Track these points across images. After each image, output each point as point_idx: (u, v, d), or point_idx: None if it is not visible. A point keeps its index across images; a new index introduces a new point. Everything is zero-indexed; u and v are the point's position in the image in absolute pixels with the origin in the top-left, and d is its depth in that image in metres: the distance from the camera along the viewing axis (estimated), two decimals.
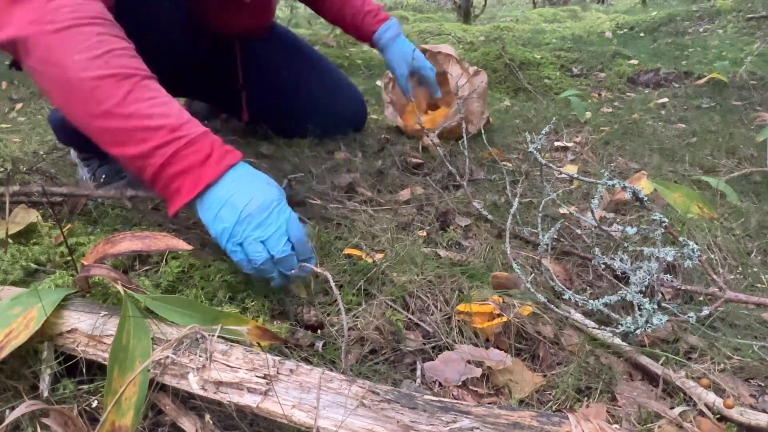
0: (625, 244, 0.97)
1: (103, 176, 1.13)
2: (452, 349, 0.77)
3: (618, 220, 1.16)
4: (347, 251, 0.94)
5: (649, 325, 0.73)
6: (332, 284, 0.67)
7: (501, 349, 0.78)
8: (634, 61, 2.82)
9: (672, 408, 0.69)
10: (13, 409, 0.57)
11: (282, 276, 0.77)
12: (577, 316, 0.84)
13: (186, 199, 0.74)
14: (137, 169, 0.74)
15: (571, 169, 1.44)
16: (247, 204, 0.73)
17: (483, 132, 1.33)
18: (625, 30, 4.03)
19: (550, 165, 0.91)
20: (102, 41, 0.72)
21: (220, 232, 0.73)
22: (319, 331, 0.78)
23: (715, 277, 0.79)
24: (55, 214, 0.95)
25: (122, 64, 0.73)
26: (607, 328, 0.79)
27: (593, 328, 0.81)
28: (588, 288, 0.95)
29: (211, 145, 0.75)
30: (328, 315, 0.81)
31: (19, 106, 2.13)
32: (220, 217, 0.73)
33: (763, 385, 0.75)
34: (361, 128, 1.60)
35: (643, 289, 0.80)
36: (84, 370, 0.61)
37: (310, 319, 0.79)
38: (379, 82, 2.27)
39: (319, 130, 1.47)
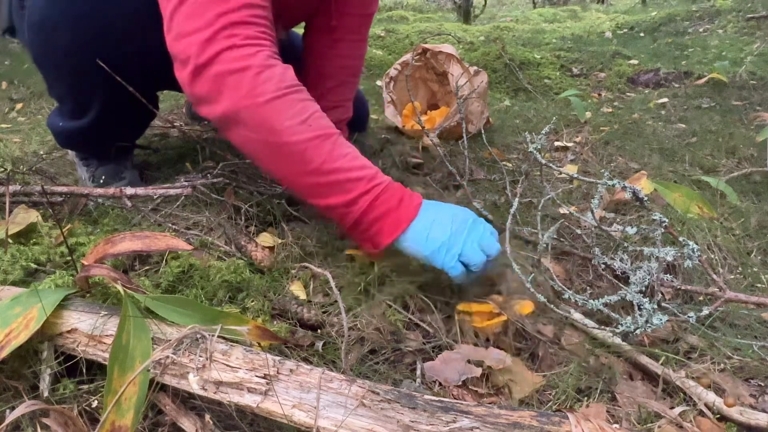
0: (625, 244, 0.97)
1: (102, 177, 1.13)
2: (452, 349, 0.77)
3: (618, 220, 1.16)
4: (348, 251, 0.94)
5: (649, 325, 0.73)
6: (332, 284, 0.67)
7: (501, 349, 0.78)
8: (634, 61, 2.82)
9: (672, 408, 0.69)
10: (13, 409, 0.57)
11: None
12: (577, 316, 0.84)
13: (391, 238, 0.82)
14: (338, 215, 0.83)
15: (571, 169, 1.44)
16: (453, 219, 0.82)
17: (483, 132, 1.33)
18: (625, 30, 4.04)
19: (550, 165, 0.91)
20: (304, 107, 0.80)
21: (437, 249, 0.80)
22: (318, 330, 0.78)
23: (715, 277, 0.79)
24: (54, 214, 0.95)
25: (322, 125, 0.81)
26: (607, 328, 0.79)
27: (593, 328, 0.81)
28: (588, 288, 0.95)
29: (400, 189, 0.84)
30: (328, 315, 0.81)
31: (19, 106, 2.13)
32: (432, 238, 0.81)
33: (763, 385, 0.75)
34: (362, 130, 1.58)
35: (643, 289, 0.80)
36: (84, 370, 0.61)
37: (309, 319, 0.79)
38: (379, 82, 2.28)
39: None
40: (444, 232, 0.81)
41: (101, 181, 1.13)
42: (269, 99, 0.77)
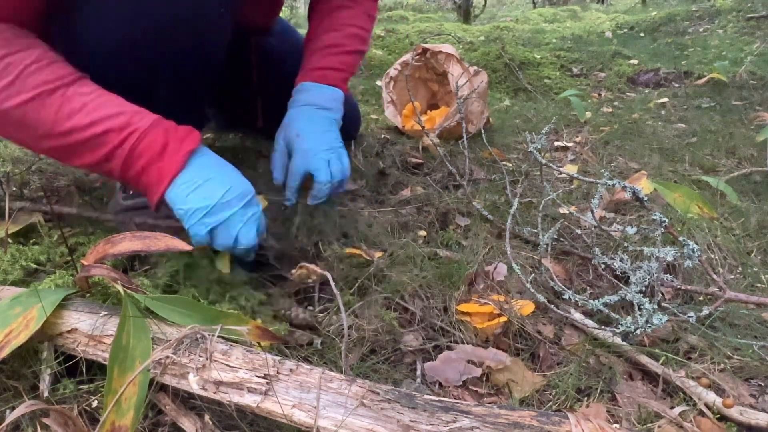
0: (625, 244, 0.97)
1: (132, 189, 1.02)
2: (452, 349, 0.77)
3: (618, 220, 1.16)
4: (348, 251, 0.94)
5: (649, 324, 0.73)
6: (332, 284, 0.67)
7: (501, 349, 0.78)
8: (634, 61, 2.82)
9: (672, 408, 0.69)
10: (13, 409, 0.57)
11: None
12: (577, 316, 0.84)
13: (156, 196, 0.73)
14: (102, 173, 0.73)
15: (571, 169, 1.44)
16: (227, 190, 0.73)
17: (483, 132, 1.33)
18: (625, 30, 4.04)
19: (550, 165, 0.91)
20: (9, 64, 0.66)
21: (193, 211, 0.72)
22: (316, 330, 0.78)
23: (715, 277, 0.79)
24: (56, 215, 0.95)
25: (39, 81, 0.67)
26: (607, 328, 0.79)
27: (593, 328, 0.81)
28: (588, 288, 0.95)
29: (165, 134, 0.72)
30: (327, 313, 0.81)
31: None
32: (194, 197, 0.72)
33: (763, 384, 0.75)
34: (354, 137, 1.49)
35: (643, 289, 0.80)
36: (84, 370, 0.61)
37: (299, 323, 0.79)
38: (379, 82, 2.28)
39: None
40: (211, 198, 0.72)
41: (130, 192, 1.00)
42: None
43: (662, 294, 0.91)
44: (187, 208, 0.72)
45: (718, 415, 0.68)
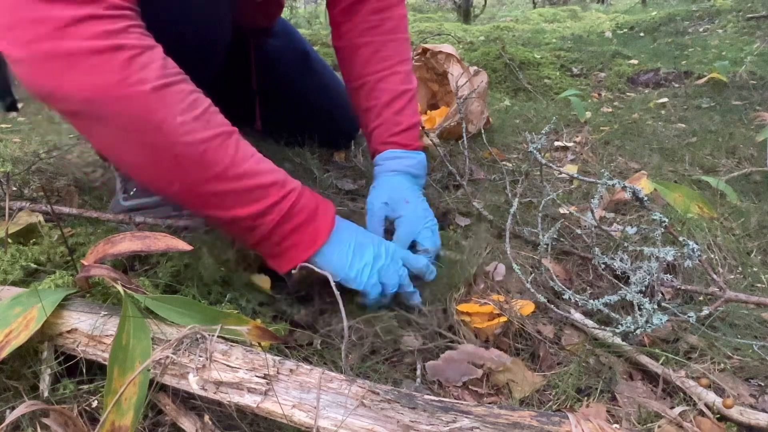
0: (625, 244, 0.97)
1: (134, 189, 1.00)
2: (452, 349, 0.77)
3: (618, 220, 1.16)
4: None
5: (649, 324, 0.73)
6: (332, 284, 0.67)
7: (501, 349, 0.78)
8: (634, 61, 2.82)
9: (672, 408, 0.69)
10: (13, 409, 0.57)
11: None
12: (577, 316, 0.84)
13: (309, 252, 0.74)
14: (243, 229, 0.72)
15: (571, 169, 1.44)
16: (372, 241, 0.79)
17: (483, 132, 1.33)
18: (625, 30, 4.04)
19: (550, 165, 0.91)
20: (197, 99, 0.66)
21: (361, 270, 0.76)
22: (310, 331, 0.78)
23: (715, 277, 0.79)
24: (56, 216, 0.95)
25: (220, 121, 0.68)
26: (607, 328, 0.79)
27: (593, 328, 0.81)
28: (588, 288, 0.95)
29: (314, 195, 0.76)
30: (327, 314, 0.81)
31: (19, 106, 2.13)
32: (356, 258, 0.76)
33: (763, 384, 0.75)
34: (354, 137, 1.51)
35: (643, 289, 0.80)
36: (84, 370, 0.61)
37: (300, 319, 0.79)
38: None
39: (315, 141, 1.39)
40: (369, 254, 0.76)
41: (131, 193, 1.00)
42: (154, 88, 0.61)
43: (662, 294, 0.91)
44: (354, 272, 0.75)
45: (718, 415, 0.68)
